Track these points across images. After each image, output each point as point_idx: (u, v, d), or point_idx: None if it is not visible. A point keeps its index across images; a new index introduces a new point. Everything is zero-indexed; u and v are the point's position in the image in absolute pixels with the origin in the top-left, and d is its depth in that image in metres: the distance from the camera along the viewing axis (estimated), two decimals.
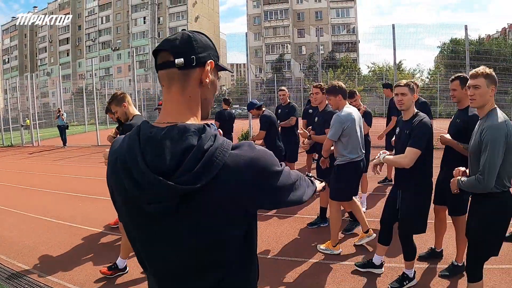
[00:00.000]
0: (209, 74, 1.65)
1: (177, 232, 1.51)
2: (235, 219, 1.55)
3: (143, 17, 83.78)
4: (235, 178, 1.47)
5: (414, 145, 4.61)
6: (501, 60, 42.70)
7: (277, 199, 1.67)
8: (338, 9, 77.10)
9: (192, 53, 1.60)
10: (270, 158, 1.59)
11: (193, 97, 1.65)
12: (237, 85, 70.64)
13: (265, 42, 78.32)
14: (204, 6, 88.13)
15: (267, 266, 5.83)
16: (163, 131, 1.49)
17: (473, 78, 3.93)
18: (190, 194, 1.42)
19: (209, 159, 1.43)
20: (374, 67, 54.60)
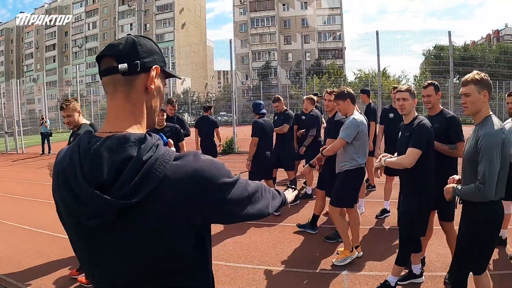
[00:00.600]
0: (154, 80, 1.58)
1: (118, 248, 1.43)
2: (179, 233, 1.45)
3: (129, 23, 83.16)
4: (177, 191, 1.39)
5: (415, 145, 4.67)
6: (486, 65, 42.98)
7: (230, 213, 1.59)
8: (324, 16, 77.23)
9: (136, 58, 1.53)
10: (217, 169, 1.50)
11: (137, 105, 1.57)
12: (224, 92, 70.55)
13: (251, 49, 78.20)
14: (191, 13, 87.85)
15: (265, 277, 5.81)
16: (102, 142, 1.41)
17: (464, 85, 3.88)
18: (129, 208, 1.34)
19: (148, 171, 1.35)
20: (360, 74, 54.66)
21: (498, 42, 76.05)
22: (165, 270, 1.49)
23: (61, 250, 6.93)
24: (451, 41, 19.10)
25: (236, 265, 6.26)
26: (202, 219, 1.49)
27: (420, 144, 4.67)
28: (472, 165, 3.78)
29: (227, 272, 5.99)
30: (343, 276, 5.75)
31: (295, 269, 6.01)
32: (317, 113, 10.23)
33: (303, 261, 6.31)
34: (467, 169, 3.89)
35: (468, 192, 3.77)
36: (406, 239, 5.03)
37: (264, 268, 6.12)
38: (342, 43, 76.23)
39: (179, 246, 1.47)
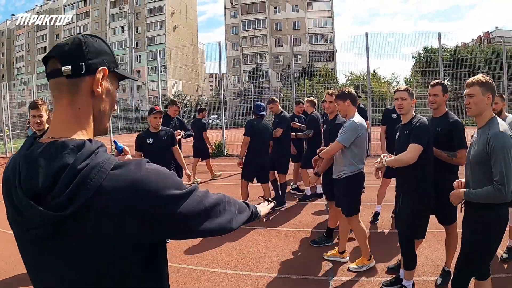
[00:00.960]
0: (101, 82, 1.47)
1: (57, 261, 1.34)
2: (120, 250, 1.34)
3: (121, 26, 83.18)
4: (112, 202, 1.28)
5: (416, 141, 4.66)
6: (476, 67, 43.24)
7: (182, 228, 1.47)
8: (315, 19, 77.43)
9: (81, 60, 1.43)
10: (162, 180, 1.38)
11: (83, 109, 1.47)
12: (215, 94, 70.59)
13: (242, 52, 78.30)
14: (182, 16, 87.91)
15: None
16: (42, 148, 1.34)
17: (468, 87, 3.90)
18: (65, 220, 1.26)
19: (82, 181, 1.26)
20: (351, 76, 54.83)
21: (488, 44, 76.53)
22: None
23: None
24: (440, 43, 19.20)
25: (220, 270, 6.16)
26: (147, 235, 1.38)
27: (421, 140, 4.67)
28: (482, 168, 3.76)
29: (211, 277, 5.90)
30: (329, 282, 5.67)
31: (280, 275, 5.91)
32: (317, 115, 10.42)
33: (288, 266, 6.23)
34: (476, 172, 3.86)
35: (485, 194, 3.71)
36: (407, 239, 5.00)
37: (248, 273, 6.03)
38: (333, 46, 76.47)
39: (122, 265, 1.37)
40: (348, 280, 5.69)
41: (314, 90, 43.03)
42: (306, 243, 7.26)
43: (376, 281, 5.60)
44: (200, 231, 1.52)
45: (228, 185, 12.87)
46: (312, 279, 5.81)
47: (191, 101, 61.15)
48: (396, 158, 4.85)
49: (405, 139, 4.81)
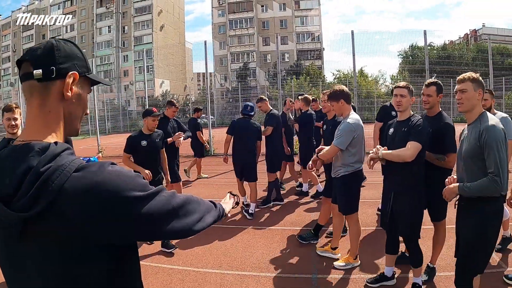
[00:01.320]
0: (71, 86, 1.51)
1: (27, 262, 1.37)
2: (85, 254, 1.35)
3: (107, 26, 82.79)
4: (74, 205, 1.29)
5: (416, 139, 4.66)
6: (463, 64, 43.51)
7: (148, 229, 1.45)
8: (302, 17, 77.60)
9: (52, 64, 1.47)
10: (124, 182, 1.38)
11: (53, 112, 1.50)
12: (203, 94, 70.65)
13: (230, 51, 78.26)
14: (169, 15, 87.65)
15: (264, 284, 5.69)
16: (11, 151, 1.39)
17: (460, 82, 3.96)
18: (30, 221, 1.27)
19: (44, 183, 1.27)
20: (339, 74, 54.99)
21: (475, 42, 77.05)
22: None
23: None
24: (426, 41, 19.34)
25: (205, 270, 6.17)
26: (112, 238, 1.37)
27: (420, 138, 4.68)
28: (476, 162, 3.80)
29: (195, 277, 5.92)
30: (313, 279, 5.72)
31: (265, 273, 5.95)
32: (310, 113, 10.42)
33: (273, 264, 6.26)
34: (469, 166, 3.89)
35: (480, 187, 3.74)
36: (409, 238, 5.03)
37: (233, 273, 6.05)
38: (320, 44, 76.62)
39: (89, 267, 1.37)
40: (332, 277, 5.73)
41: (301, 89, 43.07)
42: (290, 241, 7.29)
43: (361, 278, 5.66)
44: (168, 232, 1.51)
45: (215, 184, 12.91)
46: (297, 277, 5.84)
47: (178, 101, 60.99)
48: (394, 153, 4.79)
49: (403, 136, 4.81)
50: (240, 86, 53.12)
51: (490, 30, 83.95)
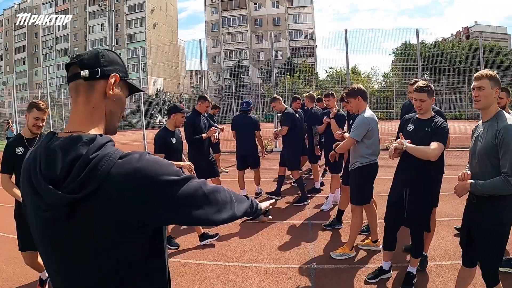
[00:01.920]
0: (113, 87, 1.70)
1: (69, 241, 1.51)
2: (126, 232, 1.51)
3: (100, 24, 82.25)
4: (117, 188, 1.45)
5: (441, 141, 4.76)
6: (456, 62, 43.74)
7: (181, 212, 1.60)
8: (295, 15, 77.64)
9: (97, 66, 1.66)
10: (160, 167, 1.54)
11: (96, 108, 1.68)
12: (196, 91, 70.42)
13: (223, 49, 78.19)
14: (162, 13, 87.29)
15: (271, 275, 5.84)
16: (59, 141, 1.54)
17: (478, 79, 3.92)
18: (79, 203, 1.43)
19: (93, 168, 1.43)
20: (331, 72, 55.01)
21: (468, 39, 77.27)
22: (109, 272, 1.55)
23: None
24: (419, 39, 19.57)
25: (206, 262, 6.34)
26: (148, 218, 1.53)
27: (445, 141, 4.83)
28: (490, 159, 3.80)
29: (197, 269, 6.07)
30: (311, 270, 5.90)
31: (264, 264, 6.12)
32: (316, 110, 10.60)
33: (272, 256, 6.44)
34: (483, 163, 3.89)
35: (493, 186, 3.73)
36: (419, 229, 5.21)
37: (233, 264, 6.23)
38: (313, 42, 76.66)
39: (128, 247, 1.53)
40: (330, 268, 5.94)
41: (295, 86, 43.11)
42: (288, 234, 7.50)
43: (356, 268, 5.88)
44: (199, 216, 1.66)
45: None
46: (295, 267, 6.01)
47: (172, 98, 60.85)
48: (420, 149, 4.78)
49: (425, 135, 4.87)
50: (233, 83, 53.06)
51: (482, 27, 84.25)
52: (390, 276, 5.51)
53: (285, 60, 66.80)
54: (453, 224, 7.26)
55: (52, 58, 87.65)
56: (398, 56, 55.60)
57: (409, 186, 5.08)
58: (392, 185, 5.41)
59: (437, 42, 62.25)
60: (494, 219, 3.84)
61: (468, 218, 4.20)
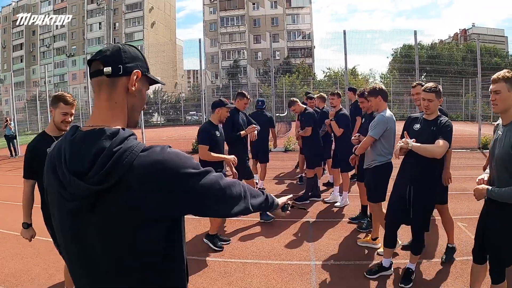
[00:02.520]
0: (135, 82, 1.76)
1: (91, 231, 1.58)
2: (147, 222, 1.57)
3: (98, 22, 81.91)
4: (140, 180, 1.52)
5: (447, 139, 4.86)
6: (453, 63, 43.81)
7: (200, 204, 1.68)
8: (294, 15, 77.70)
9: (120, 63, 1.72)
10: (181, 160, 1.62)
11: (119, 104, 1.75)
12: (194, 91, 70.29)
13: (221, 48, 78.22)
14: (160, 12, 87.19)
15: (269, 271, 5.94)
16: (83, 134, 1.62)
17: (494, 83, 3.83)
18: (102, 194, 1.51)
19: (116, 161, 1.51)
20: (329, 72, 55.07)
21: (465, 41, 77.42)
22: (130, 261, 1.62)
23: (35, 251, 6.98)
24: (416, 40, 19.63)
25: (208, 259, 6.41)
26: (169, 209, 1.61)
27: (450, 139, 4.93)
28: (507, 167, 3.73)
29: (200, 265, 6.14)
30: (312, 266, 6.00)
31: (265, 261, 6.21)
32: (326, 110, 10.72)
33: (273, 253, 6.52)
34: (500, 168, 3.83)
35: (508, 195, 3.66)
36: (421, 227, 5.31)
37: (235, 261, 6.32)
38: (311, 42, 76.75)
39: (149, 236, 1.60)
40: (330, 264, 6.04)
41: (293, 86, 43.17)
42: (288, 231, 7.60)
43: (356, 264, 5.99)
44: (216, 209, 1.78)
45: None
46: (296, 264, 6.11)
47: (169, 98, 60.74)
48: (426, 148, 4.86)
49: (431, 134, 4.97)
50: (231, 83, 53.07)
51: (479, 29, 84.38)
52: (390, 273, 5.60)
53: (282, 61, 66.73)
54: None
55: (49, 56, 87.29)
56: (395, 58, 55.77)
57: (413, 185, 5.16)
58: (395, 184, 5.50)
59: (434, 44, 62.39)
60: (507, 222, 3.87)
61: (483, 219, 4.24)
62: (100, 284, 1.66)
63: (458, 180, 6.00)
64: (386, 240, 5.59)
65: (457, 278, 5.43)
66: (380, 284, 5.43)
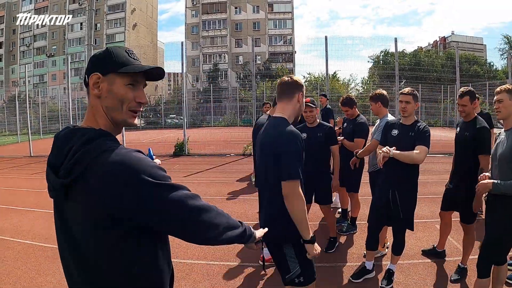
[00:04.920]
0: (99, 85, 1.83)
1: (68, 219, 1.76)
2: (106, 222, 1.66)
3: (80, 23, 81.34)
4: (98, 177, 1.63)
5: (426, 144, 5.05)
6: (433, 70, 44.34)
7: (151, 218, 1.69)
8: (275, 20, 77.96)
9: (87, 72, 1.87)
10: (142, 166, 1.67)
11: (95, 107, 1.86)
12: (174, 94, 70.18)
13: (202, 52, 78.09)
14: (142, 14, 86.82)
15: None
16: (64, 133, 1.79)
17: (497, 94, 4.42)
18: (72, 187, 1.67)
19: (80, 157, 1.65)
20: (310, 77, 55.24)
21: (444, 49, 78.35)
22: (106, 254, 1.72)
23: (15, 253, 7.02)
24: (397, 48, 19.82)
25: (191, 261, 6.47)
26: (127, 212, 1.65)
27: (428, 143, 5.09)
28: (509, 165, 4.19)
29: (183, 268, 6.17)
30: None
31: (250, 263, 6.27)
32: None
33: (255, 256, 6.50)
34: (502, 167, 4.28)
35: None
36: (404, 229, 5.46)
37: (218, 263, 6.38)
38: (292, 47, 77.03)
39: (107, 234, 1.68)
40: (320, 266, 5.99)
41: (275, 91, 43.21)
42: None
43: (347, 266, 6.20)
44: (180, 229, 1.79)
45: (195, 183, 13.06)
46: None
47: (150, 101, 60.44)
48: (406, 154, 5.02)
49: (409, 140, 5.15)
50: (211, 87, 53.06)
51: (458, 37, 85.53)
52: (373, 275, 5.73)
53: (262, 65, 66.79)
54: (429, 225, 7.71)
55: (29, 56, 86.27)
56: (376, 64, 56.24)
57: (396, 188, 5.29)
58: (378, 187, 5.66)
59: (415, 51, 63.08)
60: (502, 214, 4.25)
61: (486, 218, 4.59)
62: (86, 271, 1.77)
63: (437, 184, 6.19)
64: (369, 242, 5.72)
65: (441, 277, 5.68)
66: (362, 284, 5.61)
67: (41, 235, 7.89)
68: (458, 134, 5.76)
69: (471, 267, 5.48)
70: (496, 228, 4.32)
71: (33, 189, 12.83)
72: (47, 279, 5.90)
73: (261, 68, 63.52)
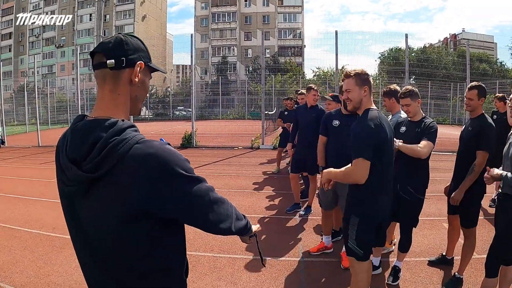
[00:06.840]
0: (138, 74, 1.79)
1: (85, 216, 1.70)
2: (132, 216, 1.62)
3: (89, 14, 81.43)
4: (131, 171, 1.57)
5: (431, 140, 5.01)
6: (442, 68, 44.07)
7: (180, 209, 1.69)
8: (285, 14, 77.81)
9: (122, 55, 1.75)
10: (175, 159, 1.65)
11: (122, 95, 1.79)
12: (182, 86, 70.22)
13: (211, 44, 78.16)
14: (152, 5, 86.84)
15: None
16: (84, 124, 1.68)
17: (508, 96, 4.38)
18: (96, 182, 1.59)
19: (110, 151, 1.57)
20: (319, 72, 55.09)
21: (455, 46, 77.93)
22: (124, 250, 1.70)
23: (22, 243, 7.04)
24: (407, 44, 19.61)
25: (198, 253, 6.46)
26: (152, 205, 1.63)
27: (434, 140, 5.06)
28: None
29: (189, 260, 5.85)
30: (300, 262, 6.09)
31: (254, 256, 6.23)
32: None
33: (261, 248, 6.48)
34: (510, 165, 4.18)
35: None
36: (410, 225, 5.43)
37: (224, 256, 6.38)
38: (302, 41, 76.86)
39: (133, 232, 1.66)
40: (319, 261, 6.14)
41: (285, 85, 43.08)
42: (276, 228, 7.67)
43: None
44: (201, 220, 1.79)
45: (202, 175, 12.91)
46: (286, 260, 6.20)
47: (157, 92, 60.48)
48: (412, 147, 5.01)
49: (415, 136, 5.13)
50: (220, 80, 53.01)
51: (469, 35, 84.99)
52: (379, 272, 5.70)
53: (270, 58, 66.63)
54: (436, 223, 7.63)
55: (38, 46, 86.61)
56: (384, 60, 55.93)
57: (404, 183, 5.27)
58: None
59: (424, 48, 62.67)
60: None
61: (496, 216, 4.53)
62: (101, 265, 1.76)
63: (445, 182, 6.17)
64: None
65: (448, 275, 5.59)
66: None
67: (48, 225, 7.93)
68: (462, 130, 5.59)
69: (469, 280, 5.42)
70: (505, 227, 4.20)
71: (41, 179, 12.90)
72: (54, 269, 5.90)
73: (270, 61, 63.31)
